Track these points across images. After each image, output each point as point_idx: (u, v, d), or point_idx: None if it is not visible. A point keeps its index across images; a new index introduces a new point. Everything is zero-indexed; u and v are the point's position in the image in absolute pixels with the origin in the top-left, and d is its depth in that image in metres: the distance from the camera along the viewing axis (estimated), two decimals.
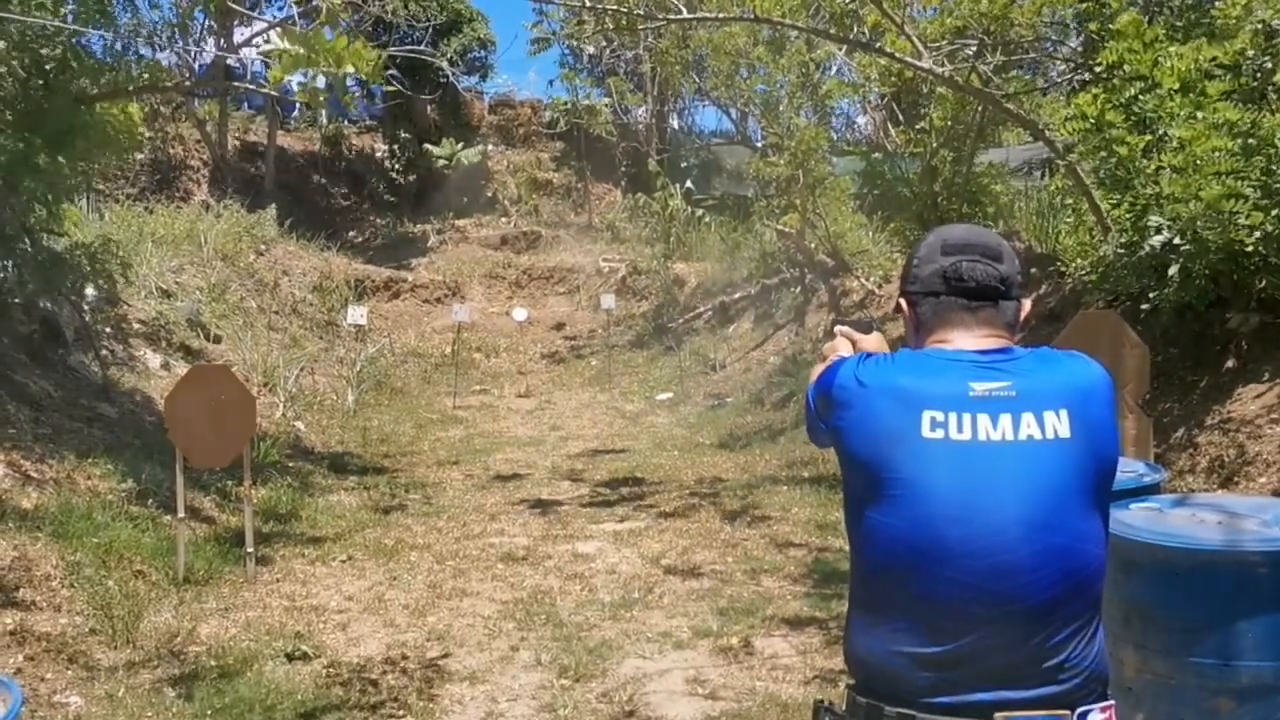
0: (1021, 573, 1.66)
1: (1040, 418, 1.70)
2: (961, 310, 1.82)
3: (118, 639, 5.07)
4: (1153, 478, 3.89)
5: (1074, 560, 1.71)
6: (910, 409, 1.71)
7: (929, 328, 1.85)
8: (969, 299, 1.81)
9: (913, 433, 1.69)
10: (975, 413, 1.70)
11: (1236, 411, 6.10)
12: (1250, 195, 5.93)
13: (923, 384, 1.74)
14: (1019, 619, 1.67)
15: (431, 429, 12.22)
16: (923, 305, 1.86)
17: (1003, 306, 1.83)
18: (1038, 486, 1.68)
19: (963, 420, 1.69)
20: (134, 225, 13.18)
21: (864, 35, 8.71)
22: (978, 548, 1.66)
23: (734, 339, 15.57)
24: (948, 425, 1.69)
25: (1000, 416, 1.69)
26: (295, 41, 4.40)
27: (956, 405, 1.70)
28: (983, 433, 1.68)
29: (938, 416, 1.69)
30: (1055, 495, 1.69)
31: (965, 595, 1.66)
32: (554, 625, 5.50)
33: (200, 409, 6.08)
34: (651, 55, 17.54)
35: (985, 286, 1.81)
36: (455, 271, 20.33)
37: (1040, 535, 1.67)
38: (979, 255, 1.83)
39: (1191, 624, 2.91)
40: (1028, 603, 1.67)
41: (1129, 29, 6.67)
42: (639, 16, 7.95)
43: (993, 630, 1.66)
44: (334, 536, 7.32)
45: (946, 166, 10.62)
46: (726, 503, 8.07)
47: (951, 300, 1.82)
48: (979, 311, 1.81)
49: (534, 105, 26.41)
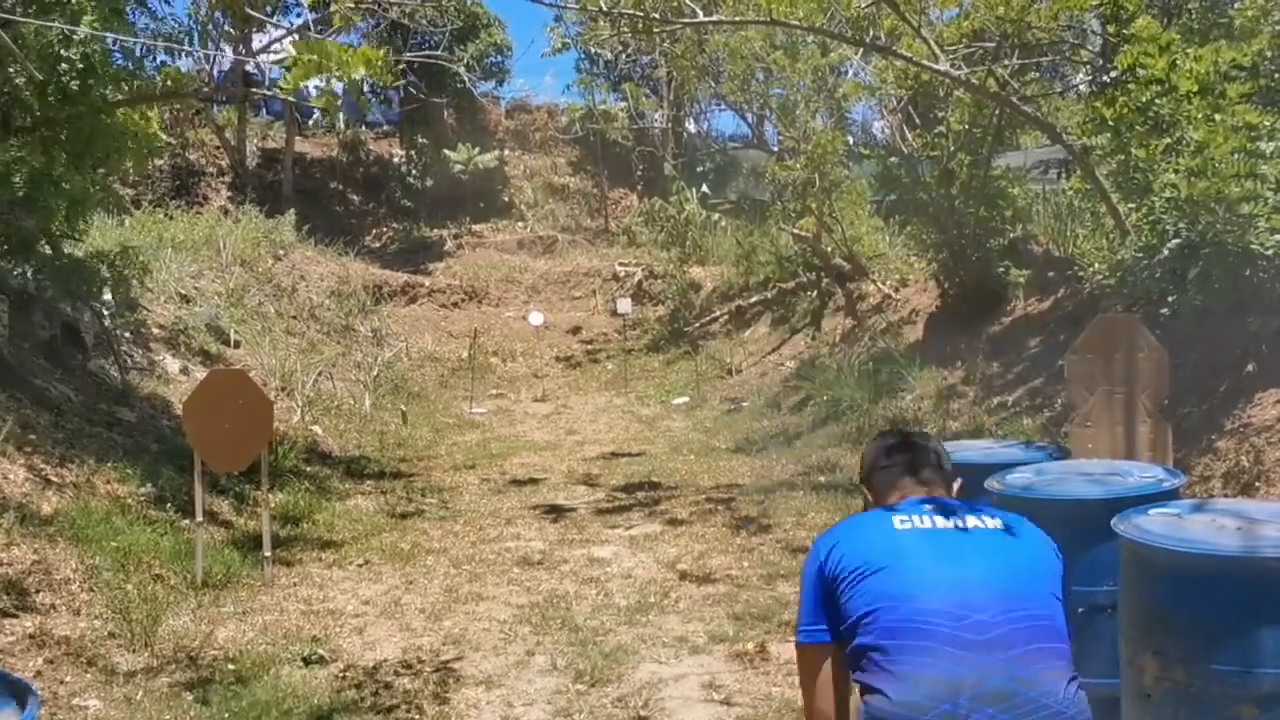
0: (997, 623, 2.00)
1: (980, 516, 2.18)
2: (907, 472, 2.29)
3: (136, 642, 5.10)
4: (1171, 483, 3.87)
5: (1037, 612, 2.06)
6: (879, 521, 2.18)
7: (883, 495, 2.30)
8: (913, 462, 2.31)
9: (887, 533, 2.13)
10: (932, 515, 2.17)
11: (1256, 416, 6.04)
12: (1270, 198, 5.89)
13: (884, 513, 2.21)
14: (998, 651, 1.97)
15: (448, 433, 12.25)
16: (876, 478, 2.33)
17: (944, 473, 2.32)
18: (987, 554, 2.11)
19: (923, 519, 2.15)
20: (154, 231, 13.28)
21: (880, 38, 8.69)
22: (955, 602, 2.00)
23: (750, 343, 15.55)
24: (912, 522, 2.14)
25: (950, 516, 2.16)
26: (305, 50, 4.46)
27: (915, 512, 2.18)
28: (939, 524, 2.14)
29: (903, 519, 2.15)
30: (1002, 559, 2.11)
31: (951, 634, 1.97)
32: (569, 630, 5.50)
33: (218, 414, 6.12)
34: (667, 60, 17.56)
35: (924, 452, 2.33)
36: (472, 276, 20.37)
37: (1003, 594, 2.04)
38: (914, 437, 2.41)
39: (1211, 630, 2.89)
40: (996, 633, 1.98)
41: (1144, 32, 6.63)
42: (655, 21, 7.96)
43: (983, 666, 1.96)
44: (350, 540, 7.34)
45: (964, 170, 10.57)
46: (742, 507, 8.05)
47: (898, 468, 2.31)
48: (920, 473, 2.29)
49: (550, 110, 26.46)
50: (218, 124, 21.04)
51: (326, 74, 4.66)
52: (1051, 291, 9.94)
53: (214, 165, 21.48)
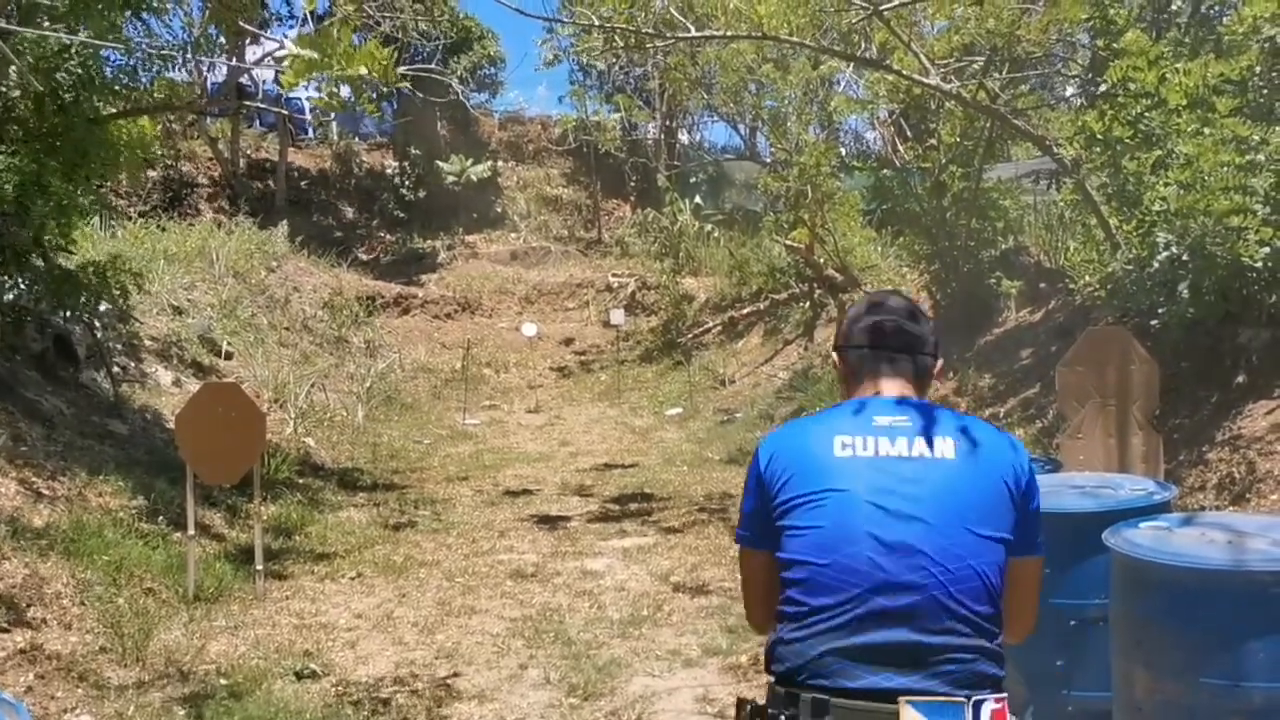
0: (920, 570, 1.87)
1: (930, 441, 1.99)
2: (883, 362, 2.12)
3: (128, 657, 5.08)
4: (1162, 495, 3.88)
5: (968, 564, 1.89)
6: (823, 438, 2.01)
7: (857, 377, 2.15)
8: (889, 351, 2.12)
9: (827, 455, 1.98)
10: (878, 436, 1.99)
11: (1247, 428, 6.07)
12: (1259, 211, 5.93)
13: (833, 420, 2.05)
14: (921, 610, 1.85)
15: (441, 445, 12.24)
16: (851, 356, 2.17)
17: (919, 361, 2.14)
18: (931, 492, 1.93)
19: (867, 442, 1.98)
20: (146, 242, 13.25)
21: (872, 52, 8.73)
22: (885, 543, 1.88)
23: (743, 354, 15.57)
24: (854, 446, 1.98)
25: (897, 439, 1.98)
26: (307, 46, 4.42)
27: (862, 431, 2.00)
28: (884, 450, 1.97)
29: (846, 440, 1.98)
30: (945, 501, 1.93)
31: (874, 585, 1.87)
32: (563, 643, 5.49)
33: (211, 426, 6.11)
34: (660, 72, 17.60)
35: (903, 341, 2.13)
36: (465, 287, 20.38)
37: (939, 536, 1.89)
38: (898, 316, 2.16)
39: (1202, 644, 2.90)
40: (927, 593, 1.86)
41: (1134, 46, 6.68)
42: (648, 35, 7.99)
43: (897, 621, 1.85)
44: (343, 553, 7.33)
45: (955, 182, 10.62)
46: (735, 519, 8.04)
47: (874, 353, 2.13)
48: (896, 363, 2.12)
49: (544, 121, 26.53)
50: (211, 135, 21.04)
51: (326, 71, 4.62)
52: (1043, 303, 9.98)
53: (206, 176, 21.47)
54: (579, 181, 25.07)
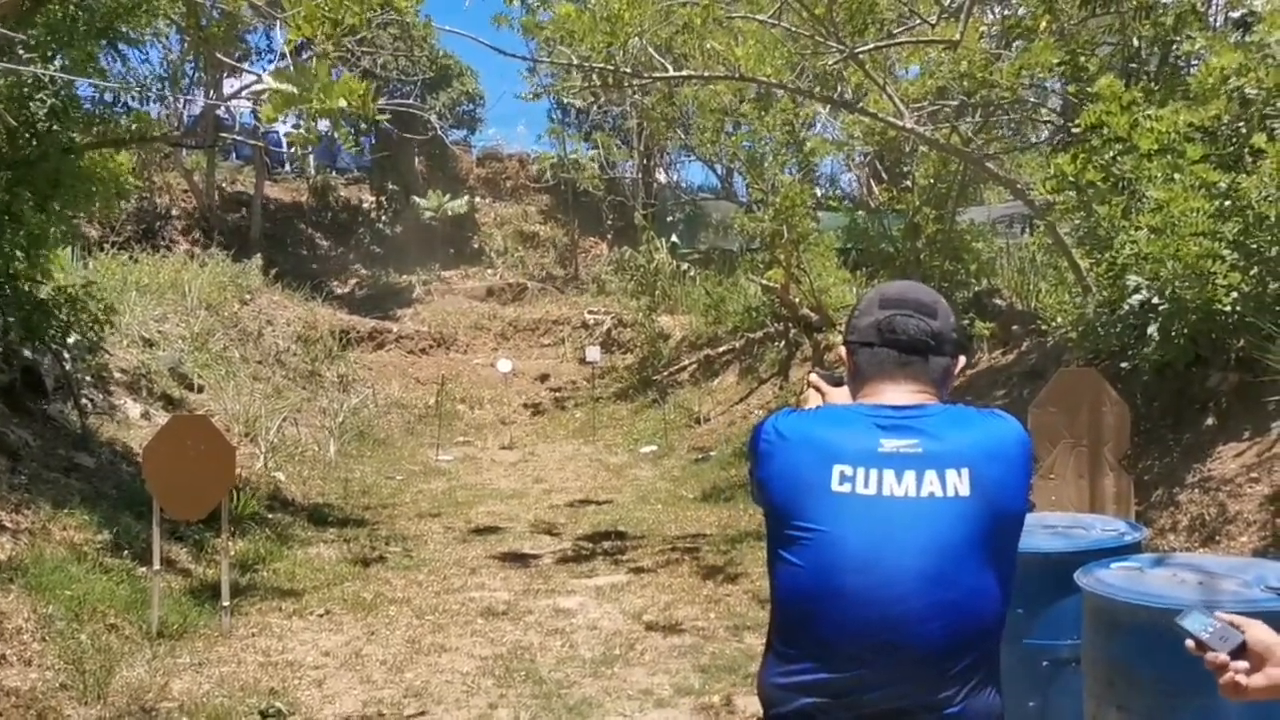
0: (911, 623, 1.75)
1: (943, 475, 1.79)
2: (892, 363, 1.91)
3: (89, 694, 4.97)
4: (1133, 536, 3.89)
5: (964, 615, 1.78)
6: (822, 463, 1.82)
7: (864, 377, 1.95)
8: (900, 352, 1.90)
9: (823, 486, 1.80)
10: (882, 468, 1.79)
11: (1217, 470, 6.11)
12: (1227, 256, 6.01)
13: (836, 438, 1.85)
14: (908, 666, 1.75)
15: (414, 481, 12.14)
16: (860, 354, 1.96)
17: (933, 362, 1.91)
18: (936, 542, 1.77)
19: (869, 476, 1.79)
20: (118, 274, 13.13)
21: (847, 95, 8.84)
22: (874, 597, 1.76)
23: (718, 392, 15.57)
24: (855, 480, 1.79)
25: (905, 473, 1.79)
26: (285, 80, 4.42)
27: (865, 461, 1.80)
28: (887, 488, 1.78)
29: (846, 471, 1.80)
30: (951, 551, 1.77)
31: (860, 640, 1.77)
32: (534, 682, 5.43)
33: (179, 460, 6.03)
34: (638, 111, 17.75)
35: (916, 341, 1.90)
36: (440, 323, 20.33)
37: (933, 589, 1.76)
38: (913, 310, 1.92)
39: (1174, 687, 2.89)
40: (916, 651, 1.75)
41: (1106, 91, 6.79)
42: (626, 75, 8.05)
43: (885, 674, 1.76)
44: (312, 589, 7.23)
45: (929, 223, 10.73)
46: (709, 558, 8.02)
47: (884, 352, 1.91)
48: (909, 366, 1.90)
49: (522, 159, 26.67)
50: (186, 168, 21.00)
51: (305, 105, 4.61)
52: (1016, 344, 10.06)
53: (181, 209, 21.39)
54: (556, 219, 25.16)
